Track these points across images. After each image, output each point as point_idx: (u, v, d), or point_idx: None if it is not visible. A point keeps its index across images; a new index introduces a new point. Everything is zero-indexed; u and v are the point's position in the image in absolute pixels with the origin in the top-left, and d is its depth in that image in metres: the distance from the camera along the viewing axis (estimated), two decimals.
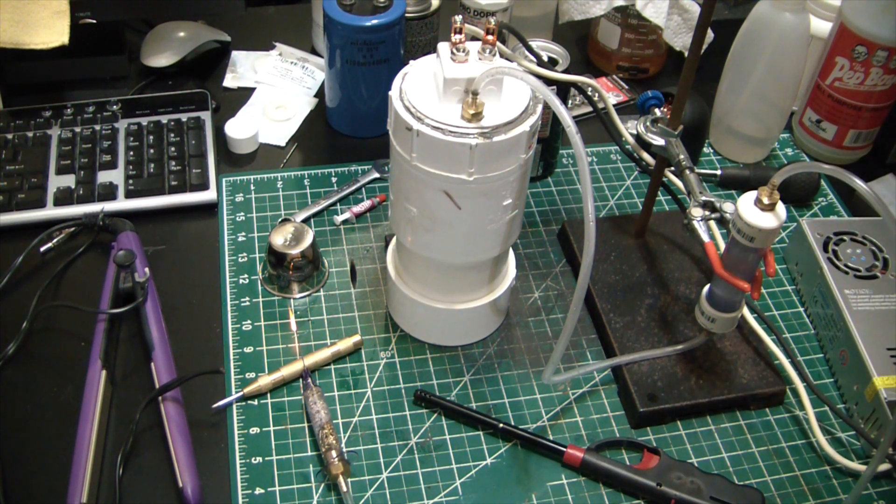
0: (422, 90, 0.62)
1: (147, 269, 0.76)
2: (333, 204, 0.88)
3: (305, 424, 0.70)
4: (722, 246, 0.77)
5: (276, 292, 0.79)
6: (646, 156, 0.79)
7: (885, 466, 0.69)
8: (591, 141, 0.97)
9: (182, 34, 1.01)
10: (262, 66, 1.03)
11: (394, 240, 0.75)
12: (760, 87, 0.90)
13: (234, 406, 0.71)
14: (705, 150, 0.97)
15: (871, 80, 0.88)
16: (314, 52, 1.07)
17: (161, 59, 0.99)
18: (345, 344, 0.74)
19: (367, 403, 0.72)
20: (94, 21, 0.95)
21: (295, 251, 0.77)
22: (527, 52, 0.81)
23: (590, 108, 0.99)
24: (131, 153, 0.88)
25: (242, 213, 0.86)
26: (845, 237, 0.81)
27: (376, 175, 0.90)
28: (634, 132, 0.76)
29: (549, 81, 0.78)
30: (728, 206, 0.65)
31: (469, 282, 0.72)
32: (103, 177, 0.87)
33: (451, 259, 0.68)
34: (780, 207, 0.62)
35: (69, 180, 0.86)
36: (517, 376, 0.74)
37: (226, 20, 1.07)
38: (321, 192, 0.89)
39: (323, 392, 0.71)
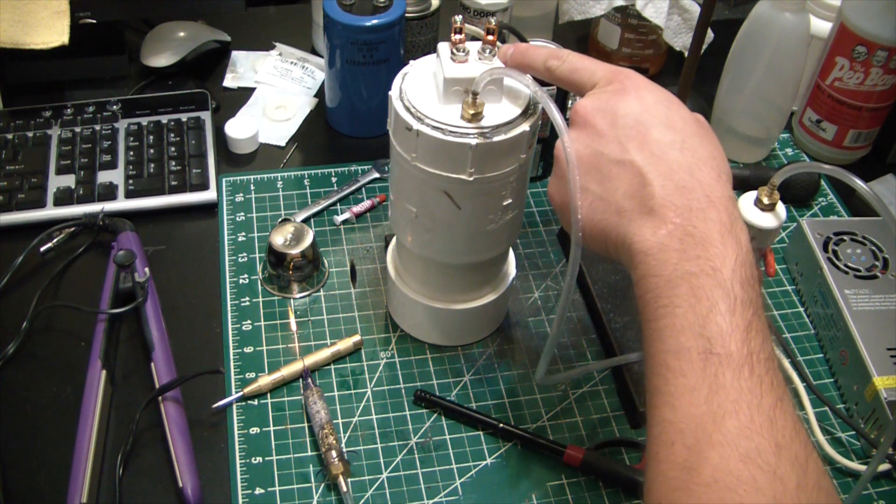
0: (422, 90, 0.62)
1: (147, 269, 0.76)
2: (333, 204, 0.88)
3: (305, 424, 0.70)
4: None
5: (276, 292, 0.79)
6: None
7: (885, 466, 0.69)
8: None
9: (182, 34, 1.01)
10: (262, 66, 1.03)
11: (394, 240, 0.75)
12: (760, 87, 0.90)
13: (234, 406, 0.71)
14: None
15: (871, 80, 0.88)
16: (314, 52, 1.07)
17: (161, 59, 0.99)
18: (345, 344, 0.74)
19: (367, 403, 0.72)
20: (94, 21, 0.95)
21: (295, 251, 0.77)
22: None
23: None
24: (131, 153, 0.88)
25: (242, 213, 0.86)
26: (845, 237, 0.81)
27: (376, 175, 0.90)
28: None
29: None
30: None
31: (469, 282, 0.72)
32: (103, 177, 0.87)
33: (451, 259, 0.68)
34: (780, 207, 0.62)
35: (69, 180, 0.86)
36: (517, 376, 0.74)
37: (226, 20, 1.07)
38: (321, 192, 0.89)
39: (323, 392, 0.71)
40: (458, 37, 0.60)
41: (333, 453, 0.65)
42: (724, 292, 0.45)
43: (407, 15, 0.89)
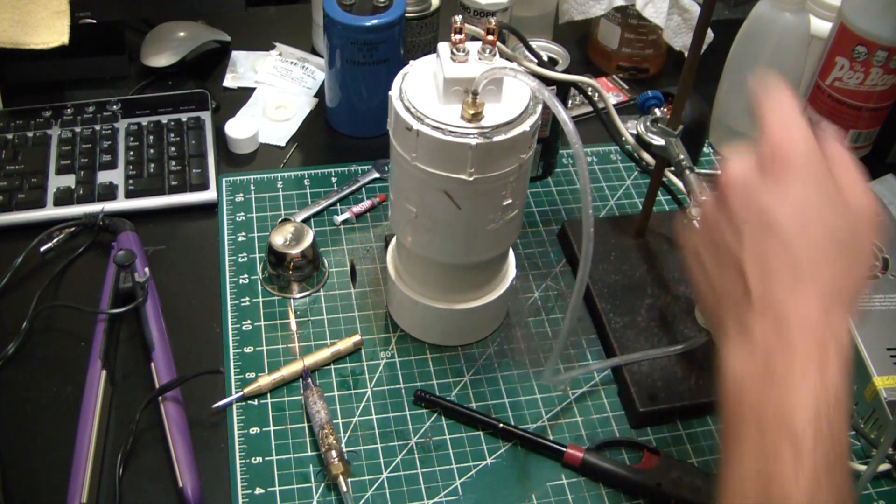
0: (422, 90, 0.62)
1: (147, 269, 0.76)
2: (333, 204, 0.88)
3: (305, 424, 0.70)
4: None
5: (276, 292, 0.79)
6: (646, 156, 0.79)
7: (885, 466, 0.69)
8: (591, 141, 0.97)
9: (182, 34, 1.01)
10: (262, 66, 1.03)
11: (394, 240, 0.75)
12: None
13: (234, 406, 0.71)
14: (705, 150, 0.97)
15: (871, 80, 0.88)
16: (314, 52, 1.07)
17: (161, 59, 0.99)
18: (345, 344, 0.74)
19: (367, 403, 0.72)
20: (94, 21, 0.95)
21: (295, 251, 0.77)
22: (527, 52, 0.81)
23: (590, 108, 0.99)
24: (131, 153, 0.88)
25: (242, 213, 0.86)
26: None
27: (376, 175, 0.90)
28: (634, 132, 0.76)
29: (549, 81, 0.78)
30: None
31: (469, 282, 0.72)
32: (103, 177, 0.87)
33: (451, 259, 0.68)
34: None
35: (69, 180, 0.86)
36: (517, 376, 0.74)
37: (226, 20, 1.07)
38: (321, 192, 0.89)
39: (323, 392, 0.71)
40: (458, 37, 0.60)
41: (333, 453, 0.65)
42: (791, 438, 0.43)
43: (407, 15, 0.89)
